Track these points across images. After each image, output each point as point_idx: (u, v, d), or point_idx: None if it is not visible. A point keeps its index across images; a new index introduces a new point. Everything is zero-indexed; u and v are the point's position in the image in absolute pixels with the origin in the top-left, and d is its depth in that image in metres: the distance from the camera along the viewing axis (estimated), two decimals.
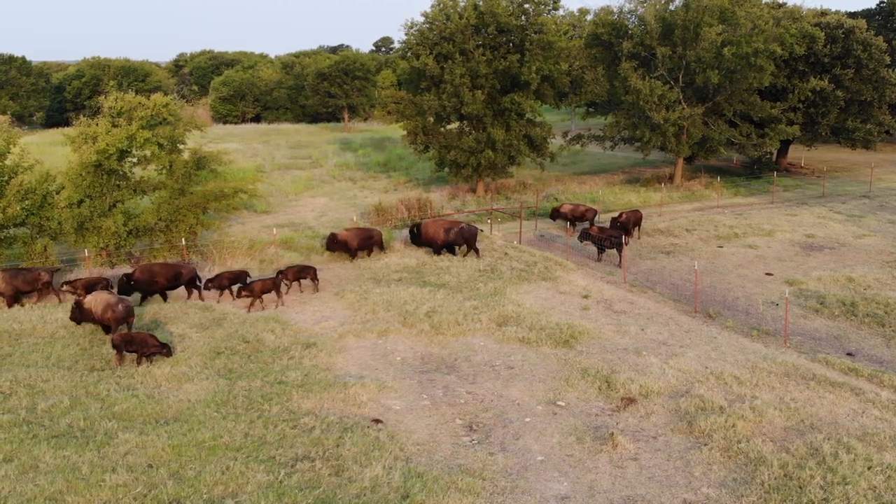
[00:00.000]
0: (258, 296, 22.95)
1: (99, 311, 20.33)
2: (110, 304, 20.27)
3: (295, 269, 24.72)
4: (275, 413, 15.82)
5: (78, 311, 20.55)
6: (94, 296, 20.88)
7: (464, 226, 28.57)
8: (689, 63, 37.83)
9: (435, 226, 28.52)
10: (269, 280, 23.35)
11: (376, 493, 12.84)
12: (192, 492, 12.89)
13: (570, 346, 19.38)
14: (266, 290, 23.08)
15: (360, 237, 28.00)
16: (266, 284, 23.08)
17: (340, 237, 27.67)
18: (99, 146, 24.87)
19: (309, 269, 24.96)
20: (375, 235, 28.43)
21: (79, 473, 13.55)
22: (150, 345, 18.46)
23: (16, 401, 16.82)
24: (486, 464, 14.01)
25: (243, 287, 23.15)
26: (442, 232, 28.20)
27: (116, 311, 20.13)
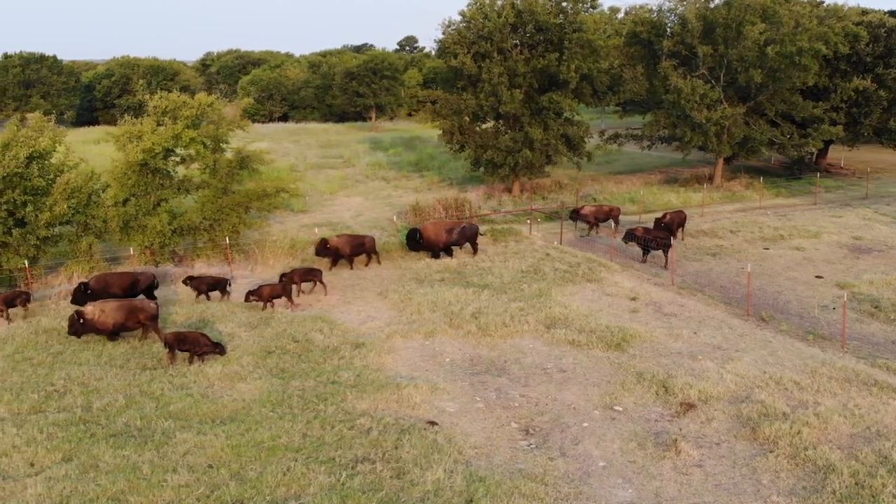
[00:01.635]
0: (267, 300, 22.50)
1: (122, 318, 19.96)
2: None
3: (300, 272, 24.31)
4: (330, 413, 15.75)
5: (79, 324, 19.84)
6: (102, 304, 20.27)
7: (465, 225, 28.18)
8: (731, 62, 37.25)
9: (436, 228, 27.80)
10: (278, 285, 22.94)
11: (440, 496, 12.69)
12: (255, 493, 12.84)
13: (622, 349, 19.09)
14: (275, 294, 22.62)
15: (351, 244, 27.02)
16: (275, 289, 22.70)
17: (332, 243, 26.63)
18: (145, 145, 24.99)
19: (315, 271, 24.58)
20: (368, 242, 27.40)
21: (140, 473, 13.56)
22: (202, 344, 18.48)
23: (71, 399, 16.93)
24: (546, 469, 13.80)
25: (252, 292, 22.62)
26: (444, 233, 27.56)
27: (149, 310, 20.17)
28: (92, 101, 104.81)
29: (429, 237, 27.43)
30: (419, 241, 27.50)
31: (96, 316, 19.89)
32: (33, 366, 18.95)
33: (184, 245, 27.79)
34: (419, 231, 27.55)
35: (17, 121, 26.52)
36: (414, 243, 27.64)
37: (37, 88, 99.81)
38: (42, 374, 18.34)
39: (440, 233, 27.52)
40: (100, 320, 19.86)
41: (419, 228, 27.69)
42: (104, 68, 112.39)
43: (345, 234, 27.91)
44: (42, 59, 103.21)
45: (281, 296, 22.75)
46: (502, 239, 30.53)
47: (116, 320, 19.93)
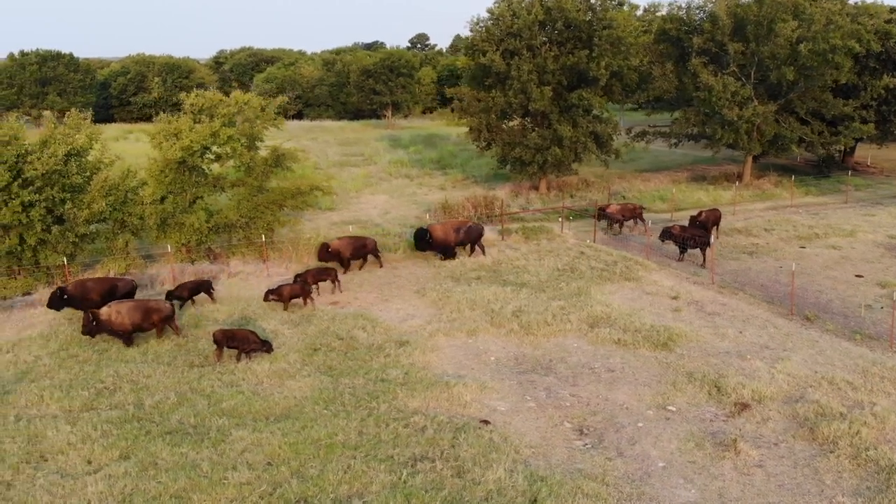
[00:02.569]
0: (287, 300, 22.37)
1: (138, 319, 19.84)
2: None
3: (314, 272, 24.15)
4: (383, 411, 15.71)
5: (94, 324, 19.69)
6: (118, 305, 20.11)
7: (471, 224, 28.01)
8: (762, 59, 36.95)
9: (444, 228, 27.54)
10: (297, 285, 22.83)
11: (503, 496, 12.63)
12: (318, 491, 12.82)
13: (669, 349, 18.97)
14: (294, 294, 22.52)
15: (353, 246, 26.45)
16: (294, 289, 22.60)
17: (333, 246, 26.04)
18: (183, 143, 25.01)
19: (330, 270, 24.41)
20: (369, 244, 26.86)
21: (200, 471, 13.57)
22: (251, 341, 18.49)
23: (121, 396, 16.98)
24: (606, 469, 13.72)
25: (271, 291, 22.48)
26: (452, 233, 27.36)
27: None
28: (108, 99, 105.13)
29: (438, 237, 27.19)
30: (428, 242, 27.15)
31: (112, 317, 19.67)
32: (79, 363, 19.04)
33: (219, 243, 27.82)
34: (428, 231, 27.19)
35: (53, 118, 26.57)
36: (423, 243, 27.27)
37: (53, 86, 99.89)
38: (89, 371, 18.41)
39: (448, 232, 27.32)
40: (115, 321, 19.66)
41: (428, 228, 27.32)
42: (119, 66, 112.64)
43: (346, 236, 27.31)
44: (59, 56, 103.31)
45: (300, 296, 22.61)
46: (534, 237, 30.42)
47: (133, 321, 19.74)
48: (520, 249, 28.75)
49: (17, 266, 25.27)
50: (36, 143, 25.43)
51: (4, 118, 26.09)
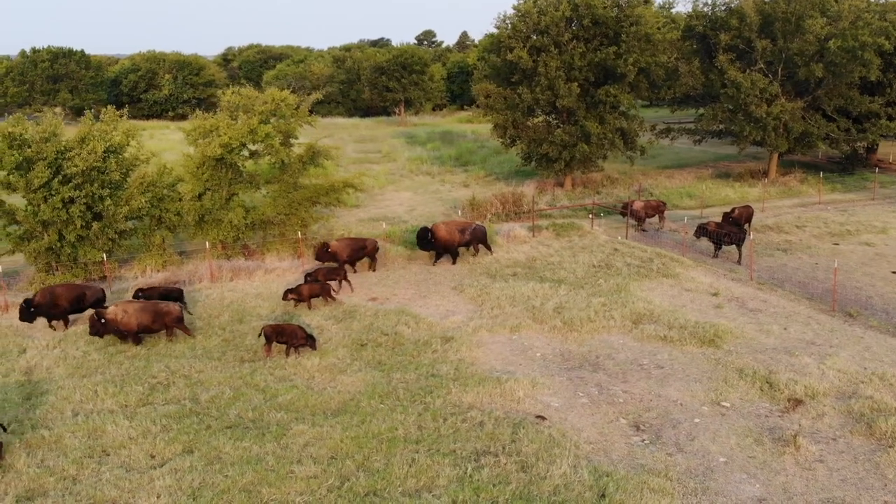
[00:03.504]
0: (307, 299, 22.33)
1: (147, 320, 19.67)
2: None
3: (324, 271, 24.12)
4: (439, 406, 15.81)
5: (100, 325, 19.66)
6: (125, 305, 20.02)
7: (476, 225, 27.67)
8: (790, 56, 36.88)
9: (448, 228, 26.97)
10: (317, 284, 22.80)
11: (571, 490, 12.71)
12: (386, 484, 12.93)
13: (716, 345, 19.01)
14: (314, 293, 22.50)
15: (352, 247, 25.91)
16: (314, 288, 22.57)
17: (332, 247, 25.55)
18: (222, 140, 25.13)
19: (339, 270, 24.34)
20: (370, 245, 26.32)
21: (266, 465, 13.69)
22: (299, 336, 18.61)
23: (176, 391, 17.12)
24: (667, 465, 13.78)
25: (291, 290, 22.41)
26: (457, 233, 26.87)
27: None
28: (118, 96, 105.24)
29: (442, 237, 26.62)
30: (431, 242, 26.59)
31: (118, 317, 19.51)
32: (129, 358, 19.19)
33: (254, 239, 27.95)
34: (431, 231, 26.63)
35: (91, 115, 26.73)
36: (426, 243, 26.69)
37: (65, 83, 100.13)
38: (140, 366, 18.55)
39: (453, 233, 26.83)
40: (122, 321, 19.52)
41: (431, 228, 26.79)
42: (129, 63, 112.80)
43: (346, 237, 26.94)
44: (70, 53, 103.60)
45: (319, 295, 22.55)
46: (565, 234, 30.47)
47: (140, 322, 19.60)
48: (552, 246, 28.81)
49: (55, 262, 25.46)
50: (73, 139, 25.62)
51: (9, 114, 26.13)
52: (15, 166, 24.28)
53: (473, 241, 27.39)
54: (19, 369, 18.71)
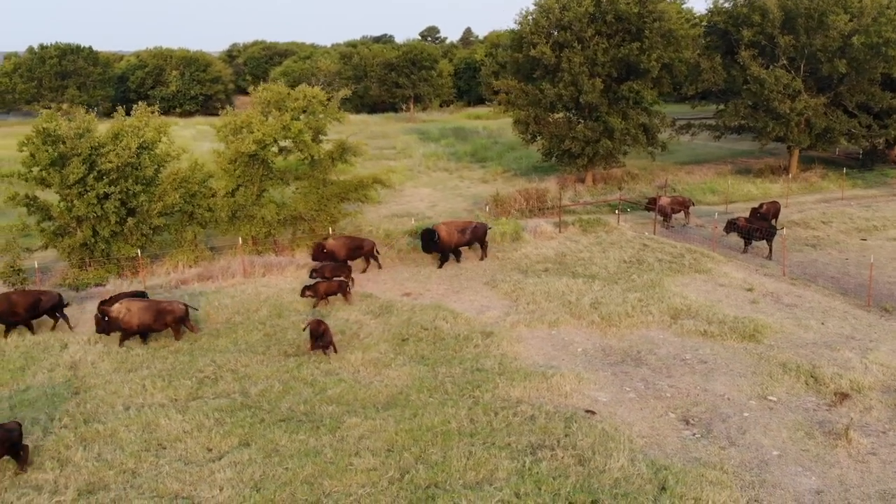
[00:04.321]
0: (322, 297, 22.30)
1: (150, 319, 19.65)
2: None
3: (330, 268, 23.99)
4: (488, 400, 15.93)
5: (105, 322, 19.69)
6: (129, 303, 19.88)
7: (476, 224, 27.21)
8: (813, 52, 36.90)
9: (448, 229, 26.45)
10: (335, 282, 22.75)
11: (631, 483, 12.83)
12: (447, 477, 13.06)
13: (756, 340, 19.10)
14: (330, 291, 22.49)
15: (348, 247, 25.44)
16: (331, 286, 22.52)
17: (329, 246, 25.17)
18: (256, 136, 25.23)
19: (345, 267, 24.28)
20: (367, 245, 25.84)
21: (324, 457, 13.82)
22: (330, 333, 18.64)
23: (225, 385, 17.26)
24: (722, 458, 13.89)
25: (308, 287, 22.41)
26: (456, 233, 26.44)
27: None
28: (125, 92, 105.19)
29: (444, 238, 26.20)
30: (436, 243, 26.17)
31: (121, 315, 19.50)
32: (172, 353, 19.32)
33: (284, 235, 28.07)
34: (435, 232, 26.15)
35: (122, 111, 26.82)
36: (430, 244, 26.29)
37: (73, 79, 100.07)
38: (185, 361, 18.68)
39: (453, 233, 26.38)
40: (125, 320, 19.49)
41: (435, 229, 26.33)
42: (135, 59, 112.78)
43: (342, 236, 26.50)
44: (78, 50, 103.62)
45: (337, 292, 22.51)
46: (591, 229, 30.55)
47: (142, 320, 19.59)
48: (580, 242, 28.89)
49: (89, 258, 25.59)
50: (106, 135, 25.73)
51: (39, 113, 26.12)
52: (50, 162, 24.39)
53: (474, 241, 26.85)
54: (64, 364, 18.84)
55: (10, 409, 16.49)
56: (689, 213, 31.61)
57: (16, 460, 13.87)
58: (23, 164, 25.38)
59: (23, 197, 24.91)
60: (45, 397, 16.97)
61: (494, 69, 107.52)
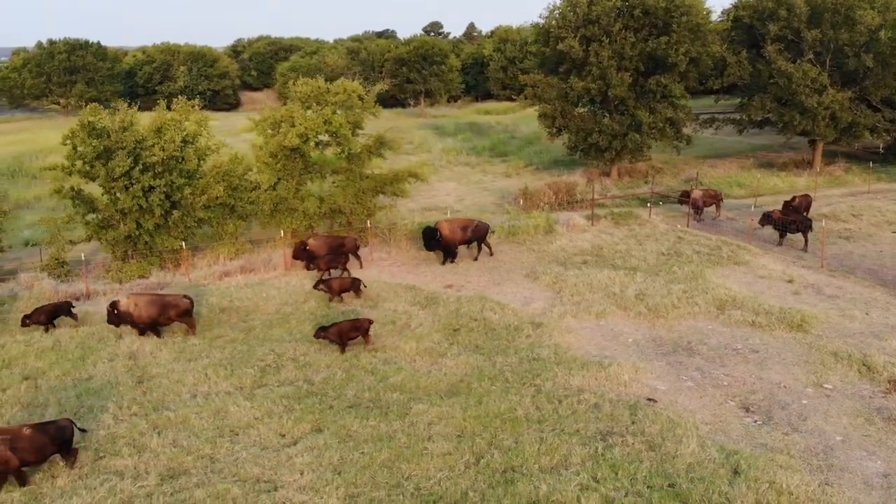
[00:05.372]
0: (335, 293, 22.32)
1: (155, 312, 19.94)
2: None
3: (325, 260, 24.24)
4: (550, 389, 16.22)
5: (115, 315, 20.00)
6: (136, 297, 20.27)
7: (478, 222, 26.81)
8: (839, 46, 37.10)
9: (451, 226, 26.14)
10: (348, 279, 22.87)
11: (704, 468, 13.12)
12: (522, 461, 13.35)
13: (804, 330, 19.37)
14: (343, 288, 22.49)
15: (330, 245, 24.97)
16: (344, 283, 22.62)
17: (310, 246, 24.77)
18: (298, 130, 25.48)
19: (340, 258, 24.47)
20: (349, 243, 25.23)
21: (398, 443, 14.13)
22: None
23: (287, 373, 17.58)
24: (787, 444, 14.17)
25: (322, 281, 22.45)
26: (459, 231, 26.13)
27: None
28: (133, 88, 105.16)
29: (446, 236, 25.93)
30: (436, 241, 25.88)
31: (130, 308, 19.91)
32: (228, 343, 19.64)
33: (323, 228, 28.33)
34: (437, 230, 25.86)
35: (164, 105, 27.06)
36: (432, 242, 25.97)
37: (81, 74, 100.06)
38: (243, 350, 18.99)
39: (455, 231, 26.10)
40: (133, 313, 19.87)
41: (437, 227, 26.02)
42: (142, 54, 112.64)
43: (323, 235, 26.00)
44: (86, 45, 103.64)
45: (349, 289, 22.57)
46: (623, 222, 30.82)
47: (149, 314, 19.90)
48: (614, 234, 29.15)
49: (132, 250, 25.87)
50: (148, 129, 25.97)
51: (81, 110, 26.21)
52: (95, 156, 24.65)
53: (476, 239, 26.55)
54: (122, 354, 19.16)
55: (76, 397, 16.84)
56: (720, 206, 31.88)
57: (64, 458, 13.88)
58: (66, 157, 25.65)
59: (68, 190, 25.19)
60: (109, 386, 17.30)
61: (503, 64, 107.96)
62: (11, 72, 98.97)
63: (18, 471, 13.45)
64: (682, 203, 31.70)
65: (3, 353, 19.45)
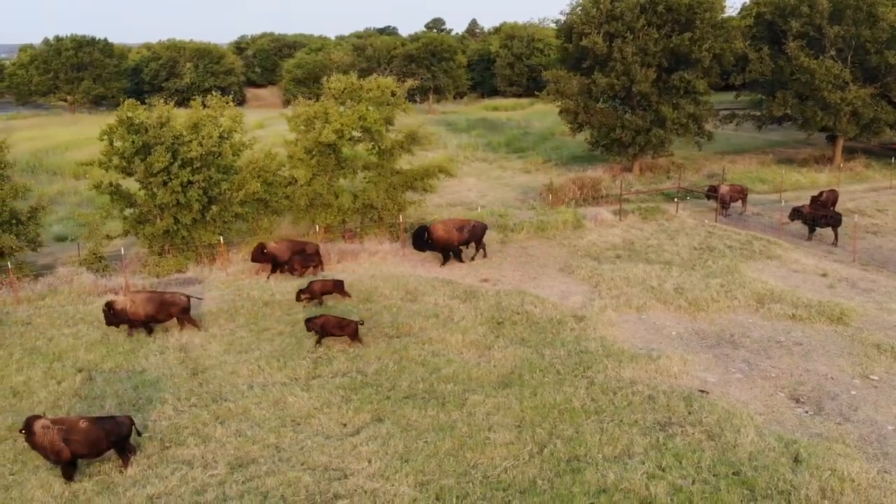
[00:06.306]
0: (318, 296, 22.17)
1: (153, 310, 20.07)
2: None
3: (299, 260, 24.28)
4: (602, 381, 16.46)
5: (111, 315, 20.01)
6: (133, 295, 20.44)
7: (475, 223, 26.36)
8: (862, 43, 37.31)
9: (446, 226, 25.77)
10: (329, 281, 22.71)
11: (765, 456, 13.38)
12: (586, 450, 13.62)
13: (844, 323, 19.63)
14: (326, 290, 22.22)
15: (292, 250, 24.65)
16: (325, 285, 22.43)
17: (269, 249, 24.51)
18: (334, 126, 25.72)
19: (313, 257, 24.53)
20: (310, 249, 24.91)
21: (460, 432, 14.39)
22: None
23: (339, 365, 17.85)
24: (841, 433, 14.44)
25: (302, 290, 22.14)
26: (455, 232, 25.72)
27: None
28: (139, 84, 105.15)
29: (439, 236, 25.50)
30: (427, 242, 25.50)
31: (127, 307, 19.97)
32: (276, 335, 19.89)
33: (354, 223, 28.60)
34: (427, 230, 25.48)
35: (199, 102, 27.28)
36: (421, 243, 25.58)
37: (89, 71, 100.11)
38: (292, 343, 19.24)
39: (451, 231, 25.68)
40: (130, 311, 19.93)
41: (427, 227, 25.64)
42: (147, 51, 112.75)
43: (285, 239, 25.50)
44: (93, 41, 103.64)
45: (332, 292, 22.29)
46: (651, 217, 31.07)
47: (147, 312, 19.98)
48: (644, 229, 29.41)
49: (169, 245, 26.12)
50: (185, 125, 26.20)
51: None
52: (134, 151, 24.89)
53: (473, 240, 26.19)
54: (172, 347, 19.42)
55: (133, 389, 17.11)
56: (746, 202, 32.13)
57: (120, 456, 13.92)
58: (102, 153, 25.88)
59: (107, 185, 25.43)
60: (165, 378, 17.57)
61: (510, 60, 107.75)
62: (19, 68, 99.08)
63: (69, 463, 13.54)
64: (709, 198, 31.98)
65: (53, 347, 19.74)
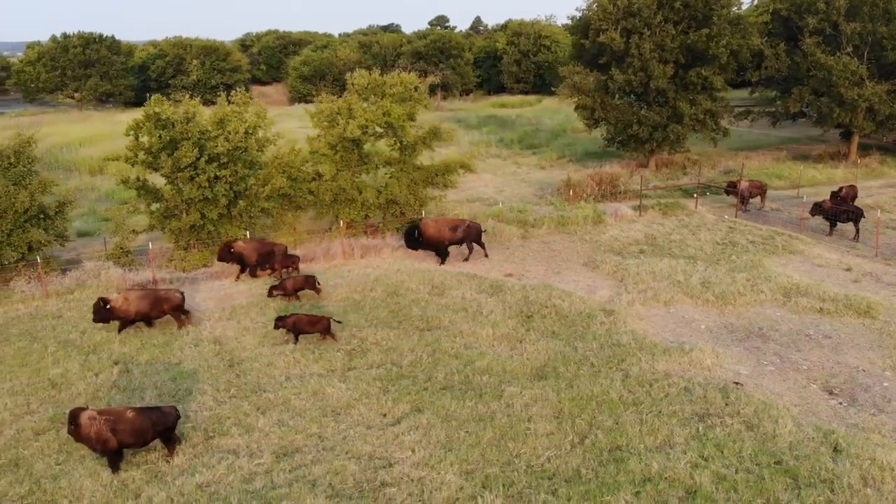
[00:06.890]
0: (291, 293, 22.00)
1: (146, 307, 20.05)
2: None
3: (279, 260, 24.17)
4: (637, 373, 16.62)
5: (104, 311, 19.93)
6: (126, 293, 20.47)
7: (469, 223, 26.06)
8: (878, 39, 37.41)
9: (437, 225, 25.52)
10: (301, 277, 22.66)
11: (805, 446, 13.54)
12: (627, 441, 13.80)
13: (871, 316, 19.79)
14: (298, 287, 22.12)
15: (259, 251, 24.22)
16: (297, 282, 22.34)
17: (236, 248, 24.09)
18: (359, 121, 25.89)
19: (293, 258, 24.48)
20: (279, 250, 24.55)
21: (500, 422, 14.58)
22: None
23: (374, 357, 18.05)
24: (877, 424, 14.61)
25: (275, 287, 22.09)
26: (448, 231, 25.47)
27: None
28: (146, 82, 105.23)
29: (430, 235, 25.28)
30: (418, 240, 25.37)
31: (120, 304, 19.95)
32: None
33: (375, 219, 28.78)
34: (418, 228, 25.31)
35: (224, 97, 27.44)
36: (413, 241, 25.47)
37: (96, 68, 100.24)
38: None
39: (443, 230, 25.44)
40: (123, 308, 19.92)
41: (419, 226, 25.45)
42: (153, 48, 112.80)
43: (253, 240, 25.09)
44: (101, 39, 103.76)
45: (304, 287, 22.22)
46: (671, 212, 31.22)
47: (139, 309, 19.99)
48: (665, 224, 29.56)
49: (195, 240, 26.31)
50: (210, 121, 26.37)
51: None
52: (161, 146, 25.07)
53: (467, 240, 25.85)
54: (206, 339, 19.61)
55: (171, 380, 17.31)
56: (765, 197, 32.27)
57: (165, 445, 14.09)
58: (128, 148, 26.06)
59: (134, 180, 25.62)
60: (202, 370, 17.77)
61: (516, 57, 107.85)
62: (26, 65, 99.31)
63: (115, 452, 13.73)
64: (729, 193, 32.13)
65: (87, 340, 19.96)
